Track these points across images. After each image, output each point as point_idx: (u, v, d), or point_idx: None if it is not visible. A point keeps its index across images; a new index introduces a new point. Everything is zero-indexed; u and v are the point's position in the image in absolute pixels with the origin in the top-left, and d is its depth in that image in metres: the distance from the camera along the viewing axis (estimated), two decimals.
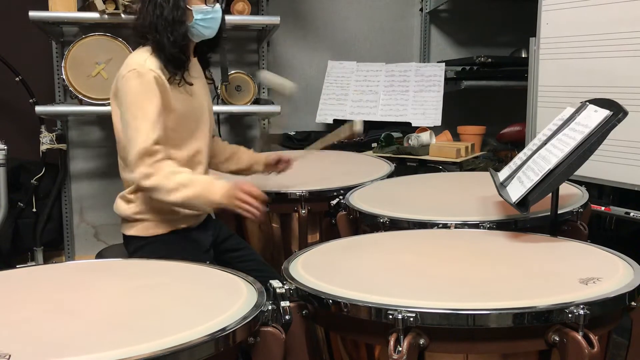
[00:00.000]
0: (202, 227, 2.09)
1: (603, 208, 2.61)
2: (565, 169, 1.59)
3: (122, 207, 2.02)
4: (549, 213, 1.78)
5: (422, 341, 1.18)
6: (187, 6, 1.92)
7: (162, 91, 1.88)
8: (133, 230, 2.00)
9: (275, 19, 3.27)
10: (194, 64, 2.07)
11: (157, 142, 1.84)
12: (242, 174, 2.32)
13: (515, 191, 1.69)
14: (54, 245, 3.64)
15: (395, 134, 3.36)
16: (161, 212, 1.98)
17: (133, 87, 1.85)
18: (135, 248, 2.00)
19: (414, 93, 3.61)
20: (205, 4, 1.96)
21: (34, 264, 3.44)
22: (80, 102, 3.13)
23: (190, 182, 1.83)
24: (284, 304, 1.32)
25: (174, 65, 1.92)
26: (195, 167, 2.01)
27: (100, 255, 2.42)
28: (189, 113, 1.99)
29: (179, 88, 1.95)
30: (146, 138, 1.82)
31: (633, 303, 1.26)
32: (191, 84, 1.98)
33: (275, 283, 1.36)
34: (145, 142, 1.82)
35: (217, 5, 1.99)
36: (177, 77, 1.93)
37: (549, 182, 1.60)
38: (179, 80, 1.94)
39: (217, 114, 3.49)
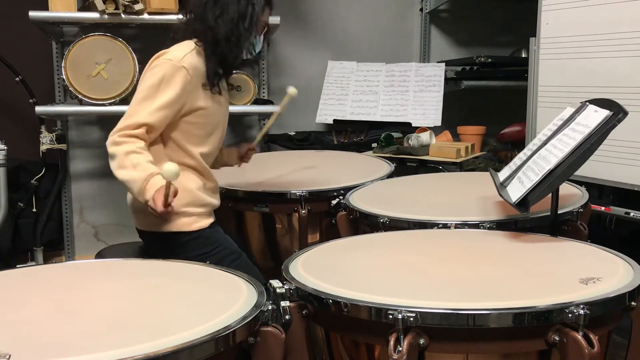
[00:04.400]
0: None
1: (603, 208, 2.61)
2: (566, 169, 1.59)
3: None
4: (549, 213, 1.78)
5: (422, 341, 1.18)
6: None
7: (188, 89, 1.93)
8: (174, 226, 1.97)
9: (275, 19, 3.27)
10: None
11: (147, 126, 1.87)
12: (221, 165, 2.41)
13: (515, 191, 1.69)
14: (54, 245, 3.65)
15: (395, 134, 3.36)
16: (197, 202, 2.00)
17: (160, 72, 1.90)
18: (179, 245, 1.97)
19: (414, 93, 3.61)
20: (260, 34, 2.08)
21: (34, 264, 3.45)
22: (80, 102, 3.13)
23: (139, 166, 1.81)
24: (284, 303, 1.32)
25: (220, 75, 2.00)
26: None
27: (99, 255, 2.42)
28: (213, 116, 2.04)
29: (211, 93, 2.01)
30: (142, 118, 1.86)
31: (633, 303, 1.26)
32: (220, 94, 2.06)
33: (275, 283, 1.36)
34: (138, 119, 1.86)
35: (261, 37, 2.12)
36: (214, 84, 2.00)
37: (549, 182, 1.60)
38: (216, 85, 2.00)
39: None
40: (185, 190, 1.96)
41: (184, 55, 1.93)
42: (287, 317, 1.31)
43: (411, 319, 1.16)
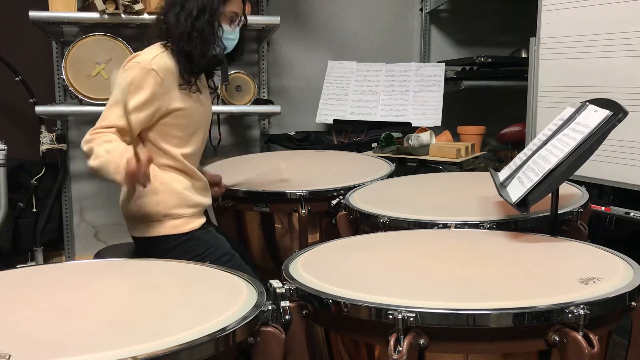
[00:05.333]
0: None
1: (603, 208, 2.61)
2: (566, 169, 1.59)
3: (149, 205, 1.96)
4: (549, 213, 1.78)
5: (422, 341, 1.18)
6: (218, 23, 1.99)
7: (161, 91, 1.92)
8: (163, 229, 1.97)
9: (275, 19, 3.27)
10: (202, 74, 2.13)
11: (118, 128, 1.87)
12: None
13: (515, 191, 1.69)
14: (54, 245, 3.65)
15: (395, 134, 3.36)
16: (185, 203, 2.00)
17: (129, 76, 1.89)
18: (169, 248, 1.97)
19: (414, 93, 3.61)
20: (230, 25, 2.03)
21: (34, 264, 3.45)
22: (80, 102, 3.13)
23: (113, 151, 1.80)
24: (284, 304, 1.32)
25: (191, 72, 1.98)
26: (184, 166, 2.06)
27: (98, 255, 2.42)
28: (193, 117, 2.03)
29: (188, 93, 2.00)
30: (112, 121, 1.87)
31: (633, 303, 1.26)
32: (200, 92, 2.05)
33: (275, 283, 1.36)
34: (108, 122, 1.87)
35: (237, 29, 2.06)
36: (190, 83, 1.98)
37: (549, 182, 1.60)
38: (192, 86, 1.99)
39: (217, 114, 3.49)
40: (172, 192, 1.97)
41: (153, 57, 1.92)
42: (287, 317, 1.31)
43: (411, 319, 1.16)
